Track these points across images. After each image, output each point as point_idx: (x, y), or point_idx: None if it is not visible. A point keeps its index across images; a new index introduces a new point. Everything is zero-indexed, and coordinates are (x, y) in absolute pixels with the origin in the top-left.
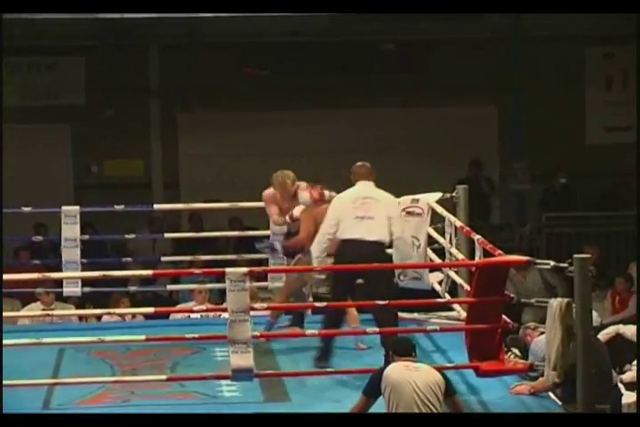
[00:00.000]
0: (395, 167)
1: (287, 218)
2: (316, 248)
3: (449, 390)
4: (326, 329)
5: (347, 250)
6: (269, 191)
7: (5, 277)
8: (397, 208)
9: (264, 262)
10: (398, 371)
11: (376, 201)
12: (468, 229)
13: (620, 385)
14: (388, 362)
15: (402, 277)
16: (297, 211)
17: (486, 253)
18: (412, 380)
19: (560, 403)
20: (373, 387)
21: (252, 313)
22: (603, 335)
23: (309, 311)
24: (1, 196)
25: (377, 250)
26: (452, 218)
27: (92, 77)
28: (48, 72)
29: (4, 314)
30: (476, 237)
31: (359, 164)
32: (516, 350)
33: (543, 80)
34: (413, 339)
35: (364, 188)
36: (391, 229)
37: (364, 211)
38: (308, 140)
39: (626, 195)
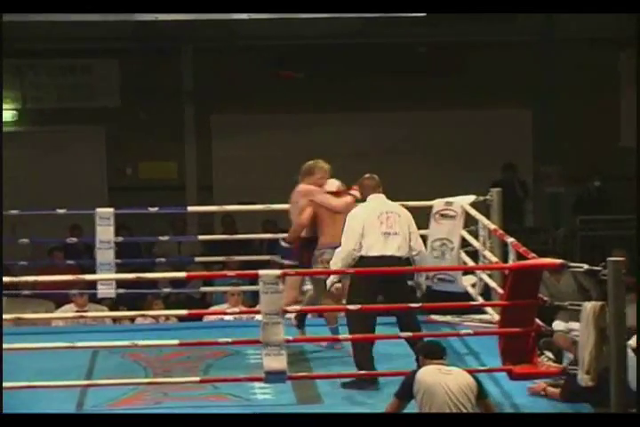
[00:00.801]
0: (428, 170)
1: None
2: (340, 264)
3: (481, 394)
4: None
5: (373, 266)
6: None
7: (39, 278)
8: (414, 223)
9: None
10: (431, 374)
11: (397, 215)
12: (501, 232)
13: None
14: (419, 366)
15: (434, 280)
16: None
17: (520, 257)
18: (445, 383)
19: (592, 407)
20: (406, 390)
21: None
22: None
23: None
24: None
25: (404, 264)
26: (486, 221)
27: (127, 79)
28: (83, 74)
29: (39, 316)
30: (510, 240)
31: (367, 176)
32: (549, 354)
33: (577, 82)
34: (446, 342)
35: (381, 201)
36: (411, 244)
37: (389, 226)
38: (343, 142)
39: None
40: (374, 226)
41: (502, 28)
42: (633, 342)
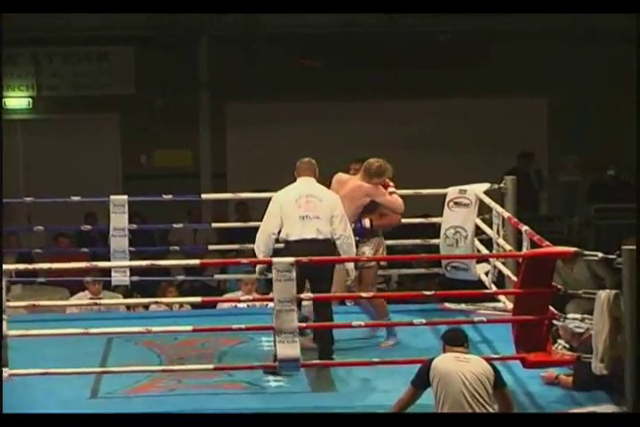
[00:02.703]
0: (445, 158)
1: None
2: (262, 249)
3: (498, 383)
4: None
5: (295, 251)
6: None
7: (54, 265)
8: (340, 206)
9: None
10: (448, 362)
11: (319, 200)
12: (515, 220)
13: None
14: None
15: (448, 268)
16: None
17: (534, 245)
18: (461, 371)
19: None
20: (422, 378)
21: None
22: None
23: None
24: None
25: (326, 247)
26: (500, 209)
27: (143, 68)
28: (99, 62)
29: (54, 302)
30: (524, 228)
31: (304, 159)
32: (563, 342)
33: (593, 72)
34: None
35: (306, 185)
36: (333, 227)
37: (308, 210)
38: (358, 132)
39: None
40: (292, 209)
41: (521, 19)
42: None
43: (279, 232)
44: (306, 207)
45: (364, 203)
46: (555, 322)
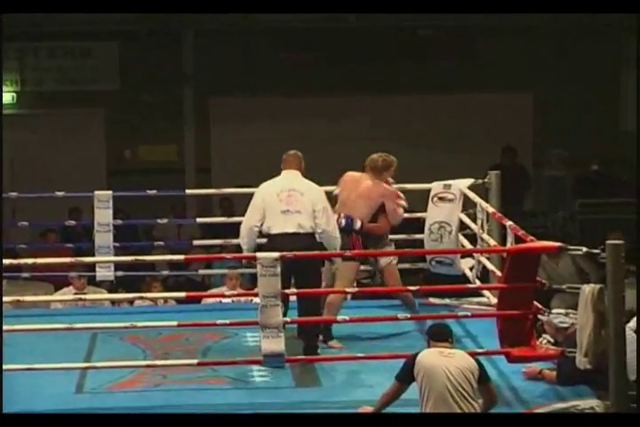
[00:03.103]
0: (429, 153)
1: None
2: (246, 241)
3: (482, 377)
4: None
5: (277, 245)
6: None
7: (39, 260)
8: (323, 200)
9: None
10: (432, 357)
11: (300, 194)
12: (499, 215)
13: None
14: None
15: (432, 263)
16: None
17: (518, 240)
18: (446, 366)
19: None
20: (406, 373)
21: None
22: (635, 322)
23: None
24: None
25: (309, 241)
26: (484, 204)
27: (127, 62)
28: (83, 57)
29: (38, 298)
30: (508, 223)
31: (291, 152)
32: (548, 336)
33: (578, 67)
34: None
35: (290, 178)
36: (316, 222)
37: (289, 204)
38: (343, 127)
39: None
40: (274, 203)
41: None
42: (632, 324)
43: (262, 225)
44: (287, 201)
45: (378, 203)
46: (539, 317)
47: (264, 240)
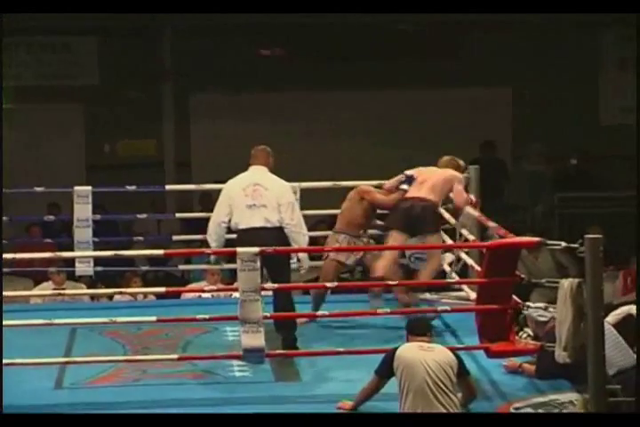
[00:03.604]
0: (408, 148)
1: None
2: (214, 237)
3: (461, 371)
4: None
5: (246, 240)
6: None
7: (18, 255)
8: (289, 195)
9: None
10: (411, 351)
11: (265, 189)
12: (481, 216)
13: None
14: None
15: (412, 259)
16: None
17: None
18: (425, 360)
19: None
20: (386, 367)
21: None
22: (613, 316)
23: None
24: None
25: (276, 235)
26: None
27: (107, 58)
28: (62, 52)
29: (17, 293)
30: (491, 224)
31: (259, 147)
32: (529, 330)
33: (559, 62)
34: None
35: (256, 173)
36: (281, 216)
37: (255, 198)
38: (323, 122)
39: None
40: (239, 198)
41: None
42: (610, 318)
43: (230, 221)
44: (253, 196)
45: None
46: (520, 311)
47: (233, 236)
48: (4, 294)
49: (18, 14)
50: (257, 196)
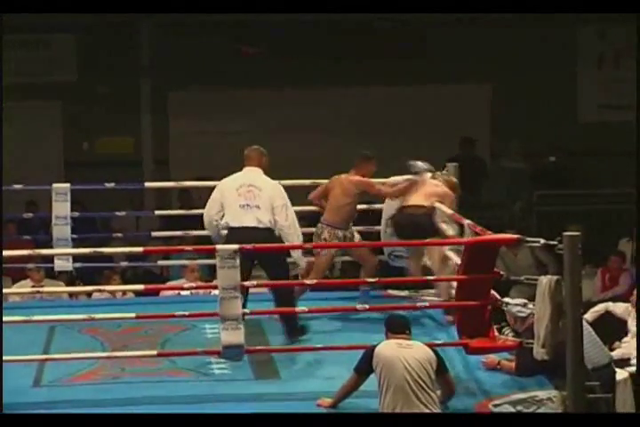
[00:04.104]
0: (387, 145)
1: None
2: (210, 233)
3: (440, 368)
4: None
5: (236, 237)
6: None
7: None
8: (282, 197)
9: None
10: (390, 348)
11: (259, 190)
12: (457, 215)
13: None
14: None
15: (391, 257)
16: None
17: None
18: (404, 357)
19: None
20: (365, 364)
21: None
22: (592, 313)
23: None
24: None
25: (268, 235)
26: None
27: (84, 54)
28: (40, 49)
29: None
30: (466, 222)
31: (253, 147)
32: (510, 327)
33: (537, 58)
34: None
35: (250, 174)
36: (275, 218)
37: (248, 199)
38: (301, 118)
39: (617, 173)
40: (233, 198)
41: None
42: (588, 315)
43: (221, 219)
44: (246, 196)
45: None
46: (499, 307)
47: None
48: None
49: None
50: (251, 196)
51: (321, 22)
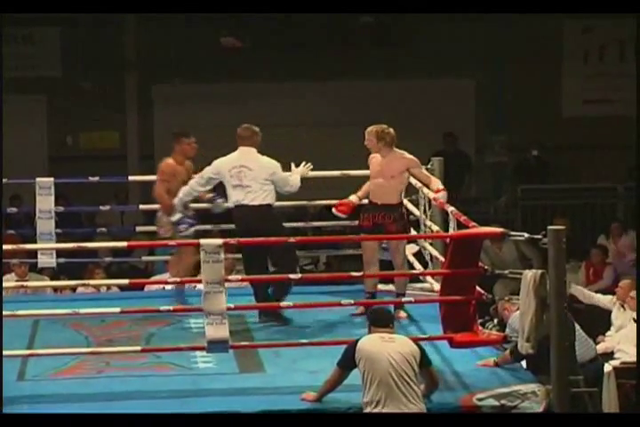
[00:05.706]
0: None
1: None
2: (180, 196)
3: (424, 362)
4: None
5: (237, 215)
6: None
7: None
8: (277, 171)
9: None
10: (373, 342)
11: (249, 170)
12: (441, 200)
13: None
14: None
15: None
16: None
17: (460, 226)
18: (387, 351)
19: (533, 374)
20: (348, 359)
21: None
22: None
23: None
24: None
25: (264, 213)
26: (426, 190)
27: (69, 48)
28: (24, 43)
29: None
30: (450, 208)
31: (244, 126)
32: (495, 321)
33: (521, 53)
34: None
35: (243, 155)
36: (277, 189)
37: (239, 179)
38: (285, 112)
39: (600, 167)
40: (226, 178)
41: None
42: (599, 347)
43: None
44: (238, 177)
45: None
46: (489, 302)
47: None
48: None
49: None
50: (242, 177)
51: (305, 16)
